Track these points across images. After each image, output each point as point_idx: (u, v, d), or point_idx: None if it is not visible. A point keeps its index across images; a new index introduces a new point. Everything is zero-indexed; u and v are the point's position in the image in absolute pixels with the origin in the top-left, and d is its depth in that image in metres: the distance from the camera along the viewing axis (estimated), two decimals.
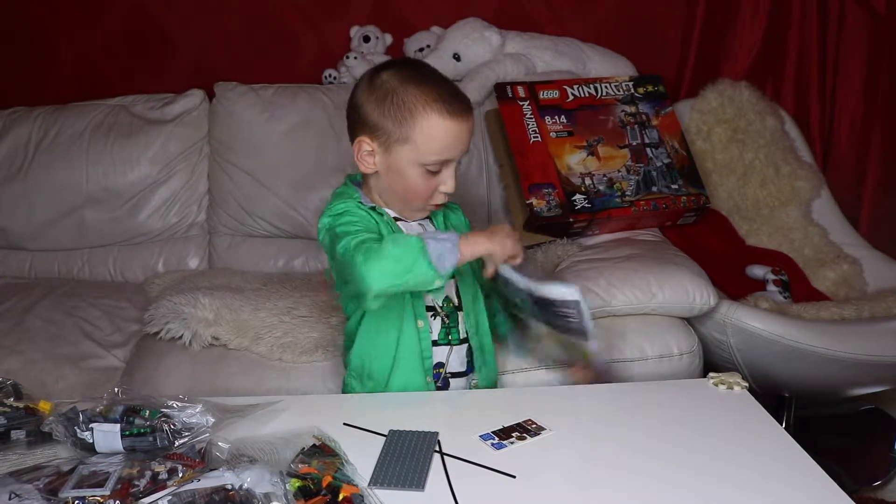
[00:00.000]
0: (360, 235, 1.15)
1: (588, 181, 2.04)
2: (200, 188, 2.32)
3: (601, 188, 2.04)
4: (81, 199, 2.26)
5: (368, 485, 0.96)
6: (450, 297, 1.30)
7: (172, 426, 1.02)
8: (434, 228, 1.31)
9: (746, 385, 1.20)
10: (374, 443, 1.06)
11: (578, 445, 1.07)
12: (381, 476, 0.98)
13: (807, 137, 2.41)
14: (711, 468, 1.01)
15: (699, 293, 1.71)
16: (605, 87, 2.19)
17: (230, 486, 0.90)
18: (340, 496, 0.91)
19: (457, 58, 2.32)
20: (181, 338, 1.73)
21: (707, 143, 2.30)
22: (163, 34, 2.50)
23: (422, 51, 2.40)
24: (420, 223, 1.30)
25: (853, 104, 2.46)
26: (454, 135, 1.19)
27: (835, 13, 2.42)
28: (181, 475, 0.93)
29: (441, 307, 1.29)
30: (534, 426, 1.10)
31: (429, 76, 1.22)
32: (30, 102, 2.40)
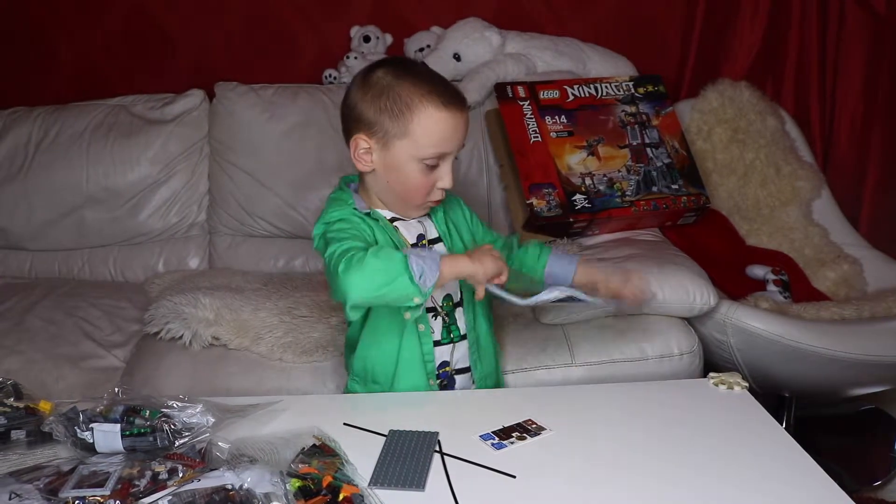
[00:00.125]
0: (347, 244, 1.15)
1: (588, 181, 2.04)
2: (201, 188, 2.32)
3: (601, 188, 2.04)
4: (81, 199, 2.26)
5: (368, 485, 0.96)
6: (451, 295, 1.30)
7: (173, 426, 1.02)
8: (433, 225, 1.31)
9: (746, 385, 1.20)
10: (375, 443, 1.06)
11: (578, 445, 1.07)
12: (382, 476, 0.98)
13: (807, 137, 2.41)
14: (711, 468, 1.01)
15: (699, 293, 1.71)
16: (606, 87, 2.19)
17: (230, 486, 0.90)
18: (340, 496, 0.91)
19: (457, 58, 2.32)
20: (181, 338, 1.73)
21: (707, 143, 2.30)
22: (163, 34, 2.50)
23: (422, 51, 2.40)
24: (419, 221, 1.30)
25: (853, 104, 2.46)
26: (451, 126, 1.19)
27: (835, 13, 2.42)
28: (181, 475, 0.93)
29: (441, 306, 1.29)
30: (534, 426, 1.10)
31: (422, 71, 1.23)
32: (30, 102, 2.40)
